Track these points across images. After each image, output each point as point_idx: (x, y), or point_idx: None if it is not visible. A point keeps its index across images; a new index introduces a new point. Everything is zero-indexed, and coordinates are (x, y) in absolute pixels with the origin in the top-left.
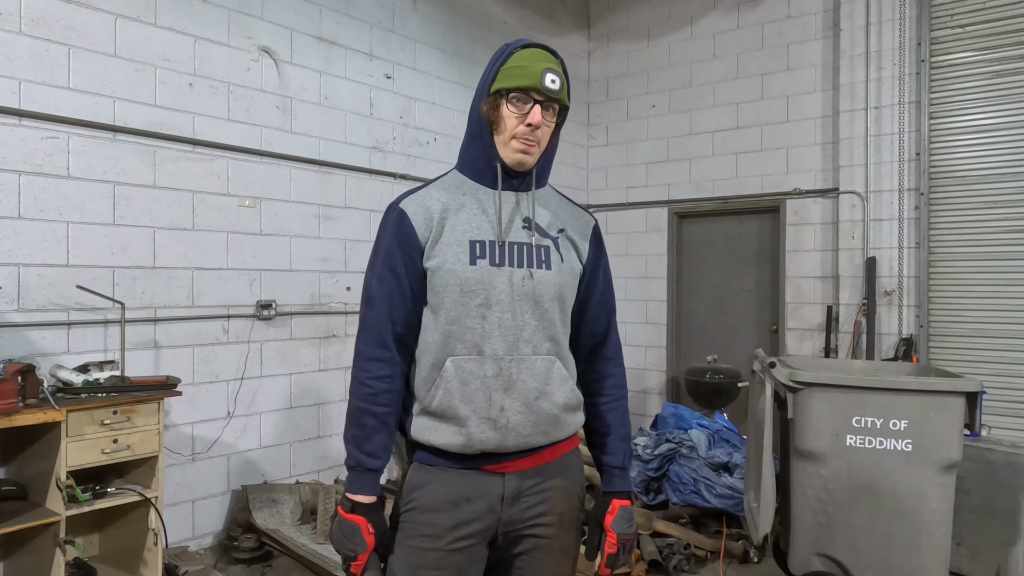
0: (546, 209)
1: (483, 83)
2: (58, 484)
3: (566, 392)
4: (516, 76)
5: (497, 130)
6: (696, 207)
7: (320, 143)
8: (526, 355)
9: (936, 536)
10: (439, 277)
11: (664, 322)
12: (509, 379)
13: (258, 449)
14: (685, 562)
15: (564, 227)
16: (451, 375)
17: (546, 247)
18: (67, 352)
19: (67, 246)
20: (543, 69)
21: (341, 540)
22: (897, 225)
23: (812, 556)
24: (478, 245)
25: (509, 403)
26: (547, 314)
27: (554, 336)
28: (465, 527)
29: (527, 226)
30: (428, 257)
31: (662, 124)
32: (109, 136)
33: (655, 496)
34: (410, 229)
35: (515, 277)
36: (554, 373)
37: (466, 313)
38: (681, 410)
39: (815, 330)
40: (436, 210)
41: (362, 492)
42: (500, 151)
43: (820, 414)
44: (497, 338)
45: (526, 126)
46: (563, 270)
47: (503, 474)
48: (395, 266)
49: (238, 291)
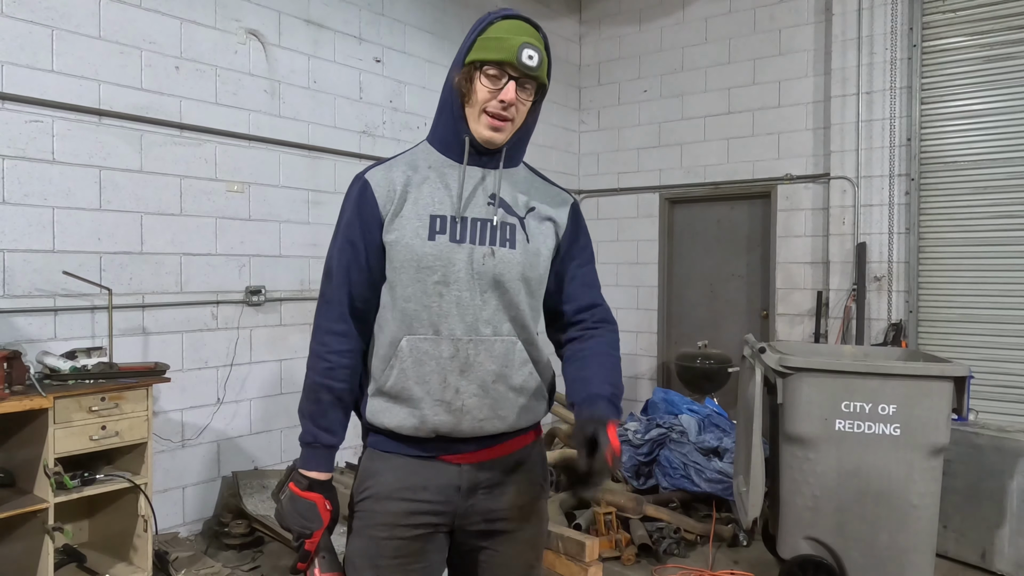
0: (515, 187)
1: (459, 52)
2: (46, 471)
3: (524, 375)
4: (492, 48)
5: (468, 103)
6: (687, 193)
7: (309, 127)
8: (486, 336)
9: (923, 519)
10: (396, 252)
11: (655, 308)
12: (466, 361)
13: (248, 435)
14: (675, 546)
15: (535, 205)
16: (406, 355)
17: (511, 225)
18: (54, 339)
19: (53, 231)
20: (521, 43)
21: (295, 518)
22: (887, 211)
23: (801, 540)
24: (438, 220)
25: (464, 385)
26: (510, 295)
27: (517, 318)
28: (421, 516)
29: (492, 203)
30: (387, 231)
31: (654, 109)
32: (94, 120)
33: (645, 481)
34: (372, 201)
35: (475, 255)
36: (515, 355)
37: (423, 291)
38: (671, 395)
39: (805, 315)
40: (399, 182)
41: (318, 469)
42: (471, 125)
43: (809, 399)
44: (455, 317)
45: (498, 102)
46: (529, 250)
47: (460, 465)
48: (354, 239)
49: (227, 277)
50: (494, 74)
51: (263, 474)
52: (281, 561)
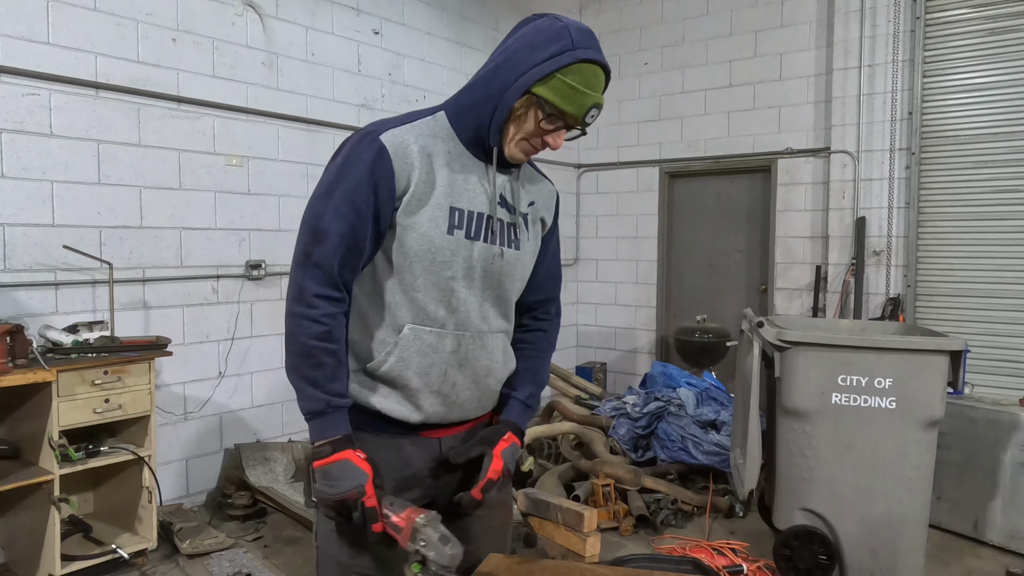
0: (520, 185)
1: (525, 64)
2: (51, 443)
3: (508, 369)
4: (567, 99)
5: (512, 123)
6: (687, 167)
7: (307, 100)
8: (483, 332)
9: (917, 491)
10: (412, 239)
11: (654, 282)
12: (465, 356)
13: (250, 408)
14: (672, 517)
15: (532, 201)
16: (410, 344)
17: (515, 225)
18: (55, 313)
19: (52, 205)
20: (593, 104)
21: (341, 481)
22: (887, 185)
23: (796, 511)
24: (457, 214)
25: (461, 379)
26: (507, 293)
27: (507, 314)
28: (409, 492)
29: (502, 203)
30: (404, 211)
31: (654, 82)
32: (91, 93)
33: (643, 453)
34: (388, 171)
35: (487, 254)
36: (504, 350)
37: (435, 284)
38: (670, 369)
39: (804, 290)
40: (417, 158)
41: (337, 432)
42: (504, 139)
43: (806, 372)
44: (461, 313)
45: (542, 141)
46: (528, 249)
47: (439, 439)
48: (360, 206)
49: (227, 251)
50: (554, 116)
51: (265, 447)
52: (284, 531)
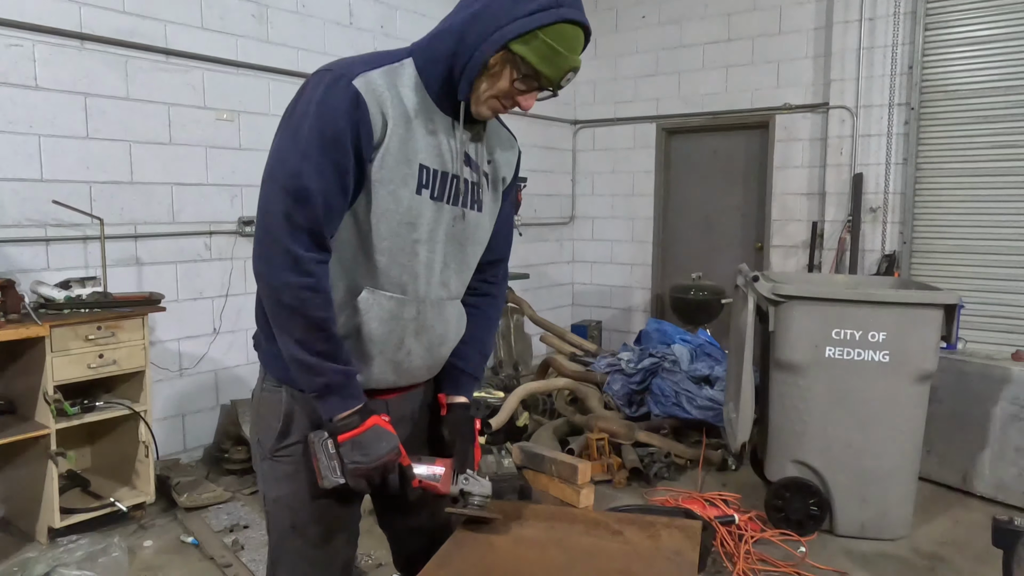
0: (482, 142)
1: (505, 16)
2: (46, 398)
3: (460, 335)
4: (546, 60)
5: (484, 78)
6: (685, 123)
7: (298, 54)
8: (443, 299)
9: (907, 443)
10: (380, 197)
11: (650, 240)
12: (423, 323)
13: (245, 365)
14: (665, 470)
15: (492, 156)
16: (369, 308)
17: (477, 185)
18: (47, 269)
19: (40, 160)
20: (570, 68)
21: (375, 448)
22: (885, 141)
23: (788, 463)
24: (426, 172)
25: (416, 347)
26: (468, 258)
27: (465, 279)
28: None
29: (466, 161)
30: (376, 166)
31: (651, 36)
32: (76, 44)
33: (637, 409)
34: (366, 121)
35: (451, 215)
36: (459, 319)
37: (399, 246)
38: (665, 326)
39: (799, 247)
40: (388, 107)
41: (359, 400)
42: (472, 95)
43: (800, 326)
44: (422, 278)
45: (512, 101)
46: (489, 211)
47: (387, 400)
48: (341, 161)
49: (219, 207)
50: (529, 77)
51: None
52: None
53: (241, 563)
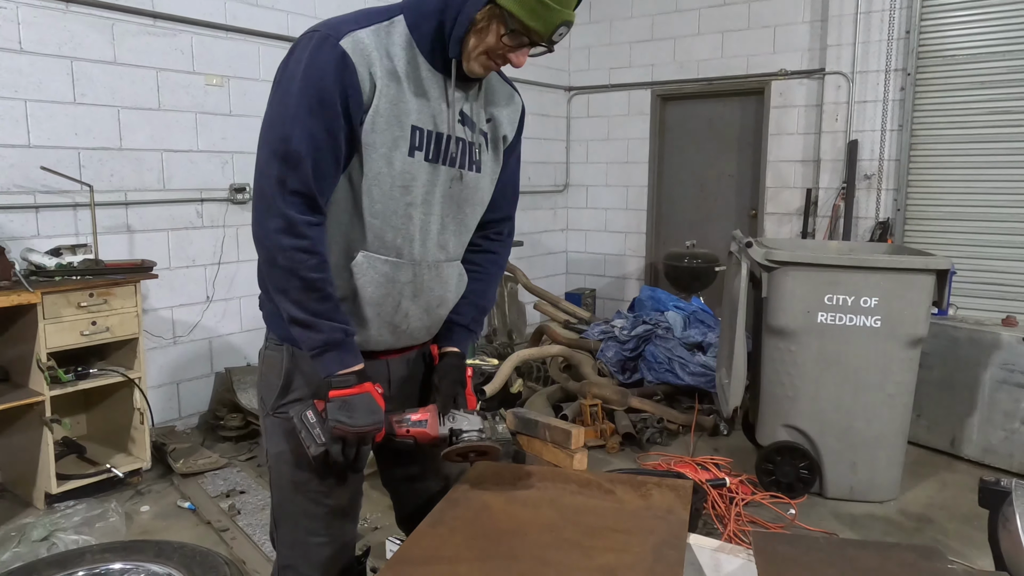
0: (483, 99)
1: None
2: (39, 365)
3: (458, 295)
4: (533, 13)
5: (472, 34)
6: (680, 89)
7: (288, 18)
8: (440, 261)
9: (898, 408)
10: (373, 160)
11: (644, 208)
12: (420, 286)
13: (239, 333)
14: (658, 435)
15: (492, 115)
16: (364, 272)
17: (477, 145)
18: (37, 236)
19: (27, 125)
20: (562, 22)
21: (360, 415)
22: (881, 107)
23: (779, 427)
24: (419, 133)
25: (413, 309)
26: (467, 220)
27: (464, 240)
28: None
29: (462, 120)
30: (366, 128)
31: (647, 1)
32: (61, 7)
33: (630, 375)
34: (355, 82)
35: (447, 177)
36: (459, 280)
37: (392, 210)
38: (658, 293)
39: (794, 214)
40: (379, 71)
41: (357, 361)
42: (464, 52)
43: (793, 292)
44: (417, 241)
45: (503, 57)
46: (488, 171)
47: (387, 360)
48: (331, 123)
49: (210, 174)
50: (517, 32)
51: (255, 371)
52: None
53: (238, 527)
